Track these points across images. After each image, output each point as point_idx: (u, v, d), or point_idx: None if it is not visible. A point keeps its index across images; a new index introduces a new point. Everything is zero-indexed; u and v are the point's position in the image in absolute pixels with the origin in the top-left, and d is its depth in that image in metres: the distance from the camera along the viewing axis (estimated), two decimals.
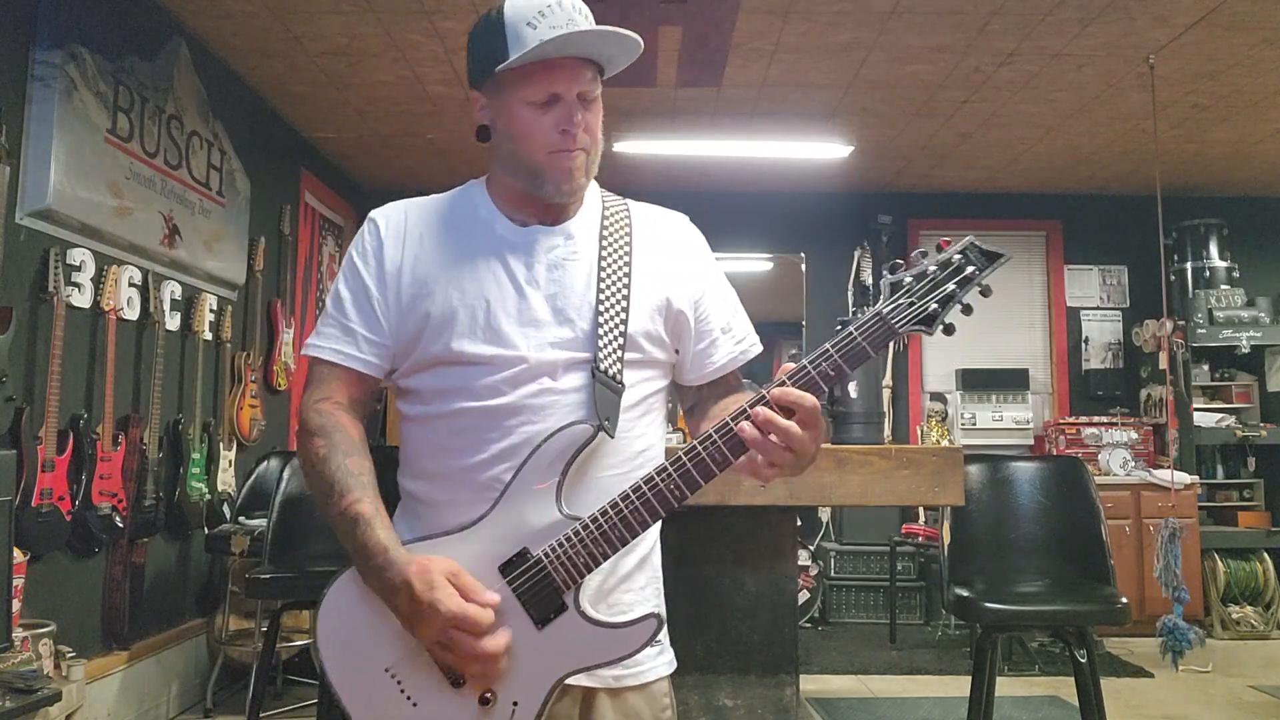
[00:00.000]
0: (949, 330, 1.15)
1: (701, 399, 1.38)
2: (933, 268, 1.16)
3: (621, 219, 1.33)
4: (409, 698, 1.16)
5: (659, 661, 1.29)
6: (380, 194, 6.05)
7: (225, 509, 3.98)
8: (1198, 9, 3.59)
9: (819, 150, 5.28)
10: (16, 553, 2.55)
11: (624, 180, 5.59)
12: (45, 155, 2.90)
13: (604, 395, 1.21)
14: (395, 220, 1.31)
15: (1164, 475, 5.13)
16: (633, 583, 1.26)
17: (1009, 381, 5.99)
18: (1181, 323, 5.51)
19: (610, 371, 1.22)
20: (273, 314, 4.64)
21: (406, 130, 5.02)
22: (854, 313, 5.96)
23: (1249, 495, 5.55)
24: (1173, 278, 5.82)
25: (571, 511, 1.15)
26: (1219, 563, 5.20)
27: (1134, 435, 5.56)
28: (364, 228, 1.32)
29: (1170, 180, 5.63)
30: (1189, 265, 5.78)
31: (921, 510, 5.45)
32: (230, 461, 4.10)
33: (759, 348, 1.39)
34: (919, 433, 6.01)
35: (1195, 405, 5.49)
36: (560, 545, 1.14)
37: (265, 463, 4.05)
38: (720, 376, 1.37)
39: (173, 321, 3.65)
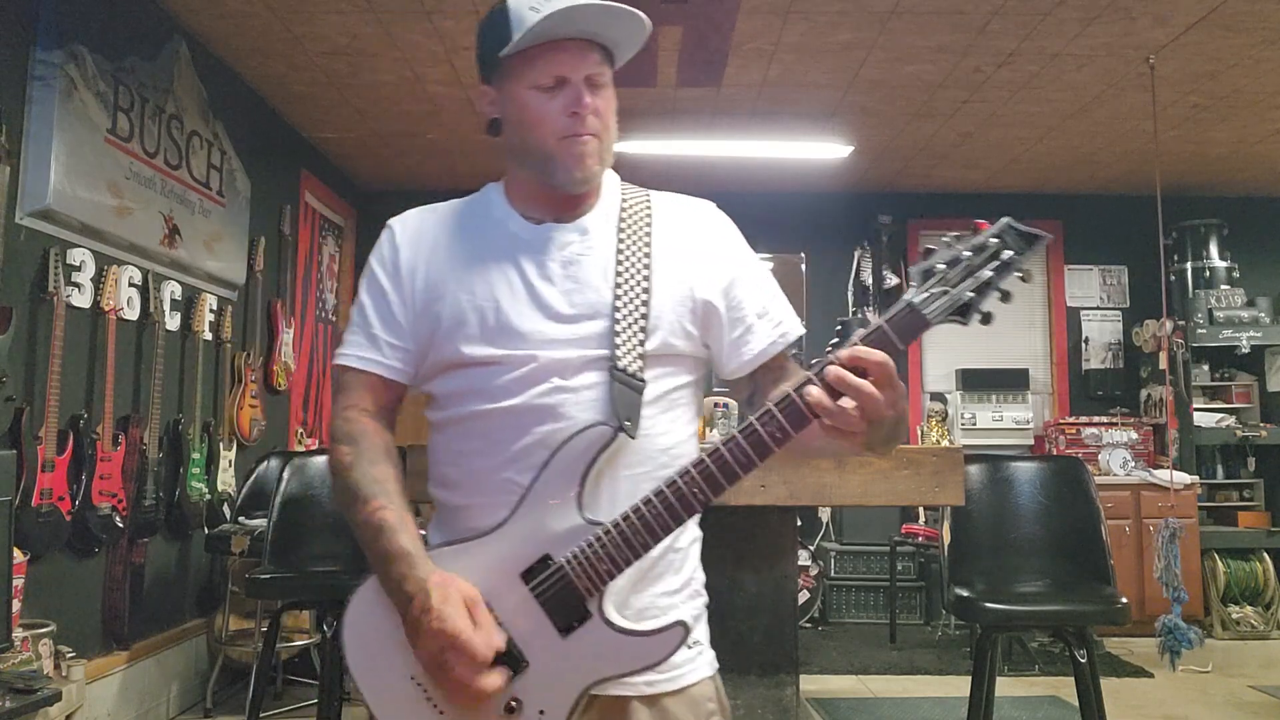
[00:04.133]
0: (986, 319, 1.05)
1: (758, 387, 1.30)
2: (967, 252, 1.06)
3: (640, 210, 1.30)
4: (435, 705, 1.14)
5: (698, 663, 1.24)
6: (380, 194, 6.08)
7: (225, 509, 3.98)
8: (1198, 9, 3.59)
9: (819, 150, 5.28)
10: (16, 553, 2.55)
11: (624, 180, 5.57)
12: (45, 155, 2.90)
13: (623, 394, 1.17)
14: (412, 226, 1.31)
15: (1164, 475, 5.13)
16: (665, 584, 1.22)
17: (1009, 381, 5.98)
18: (1181, 323, 5.51)
19: (630, 369, 1.18)
20: (273, 314, 4.64)
21: (406, 130, 5.02)
22: (854, 313, 5.96)
23: (1249, 495, 5.54)
24: (1173, 278, 5.82)
25: (593, 516, 1.13)
26: (1219, 563, 5.20)
27: (1134, 435, 5.56)
28: (382, 235, 1.32)
29: (1170, 180, 5.63)
30: (1189, 265, 5.78)
31: (921, 510, 5.44)
32: (230, 461, 4.10)
33: (800, 330, 1.32)
34: (919, 433, 6.01)
35: (1195, 405, 5.49)
36: (582, 551, 1.11)
37: (265, 463, 4.05)
38: (767, 362, 1.29)
39: (173, 321, 3.65)
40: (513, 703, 1.12)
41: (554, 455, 1.15)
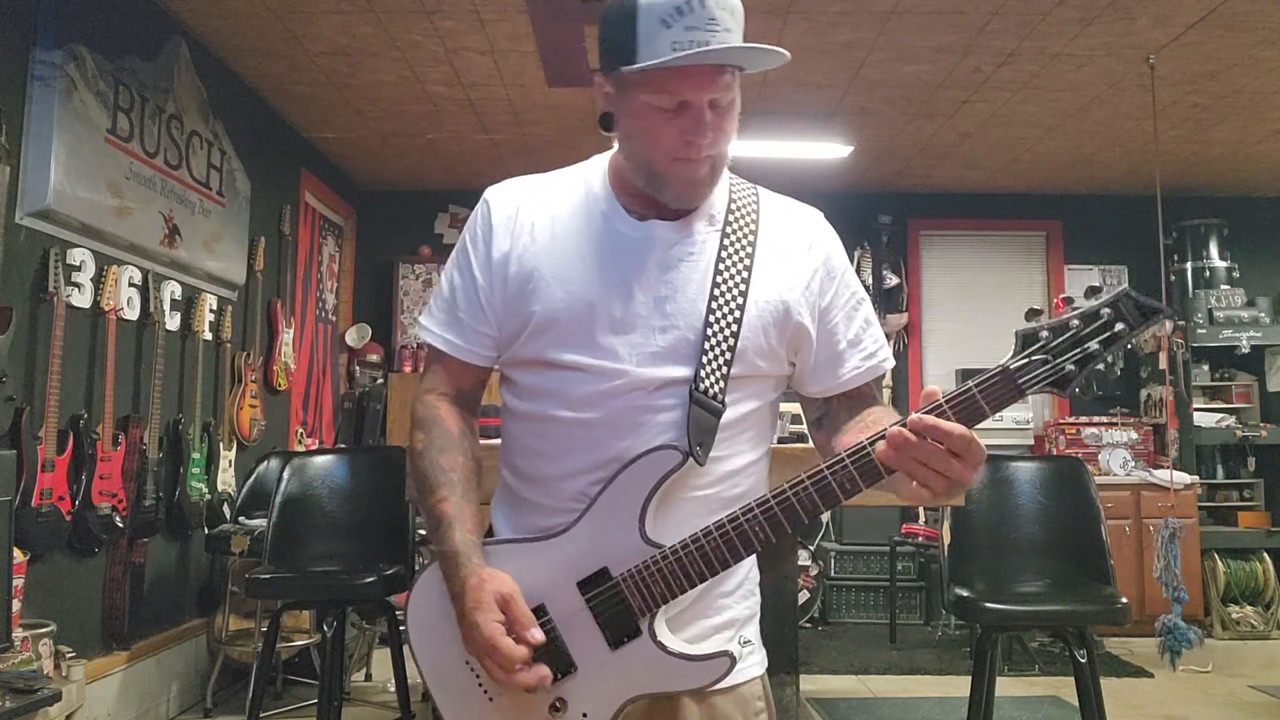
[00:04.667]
0: (1086, 391, 1.02)
1: (830, 411, 1.28)
2: (1076, 321, 1.00)
3: (749, 213, 1.24)
4: (486, 692, 1.17)
5: (749, 661, 1.24)
6: (380, 194, 6.08)
7: (225, 509, 3.98)
8: (1198, 9, 3.59)
9: (819, 150, 5.28)
10: (16, 553, 2.55)
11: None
12: (45, 155, 2.90)
13: (700, 417, 1.15)
14: (509, 204, 1.25)
15: (1164, 475, 5.13)
16: (724, 585, 1.22)
17: None
18: (1181, 323, 5.51)
19: (710, 391, 1.15)
20: (273, 314, 4.64)
21: (406, 130, 5.02)
22: None
23: (1249, 495, 5.54)
24: (1173, 278, 5.83)
25: (653, 538, 1.12)
26: (1219, 563, 5.20)
27: (1134, 435, 5.55)
28: (477, 208, 1.27)
29: (1170, 180, 5.63)
30: (1189, 265, 5.79)
31: (921, 510, 5.44)
32: (230, 461, 4.10)
33: (891, 362, 1.29)
34: None
35: (1195, 405, 5.49)
36: (639, 572, 1.12)
37: (265, 463, 4.05)
38: (849, 390, 1.26)
39: (173, 321, 3.65)
40: (558, 703, 1.15)
41: (620, 473, 1.14)
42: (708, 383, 1.15)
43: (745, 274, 1.19)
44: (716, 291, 1.17)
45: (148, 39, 3.49)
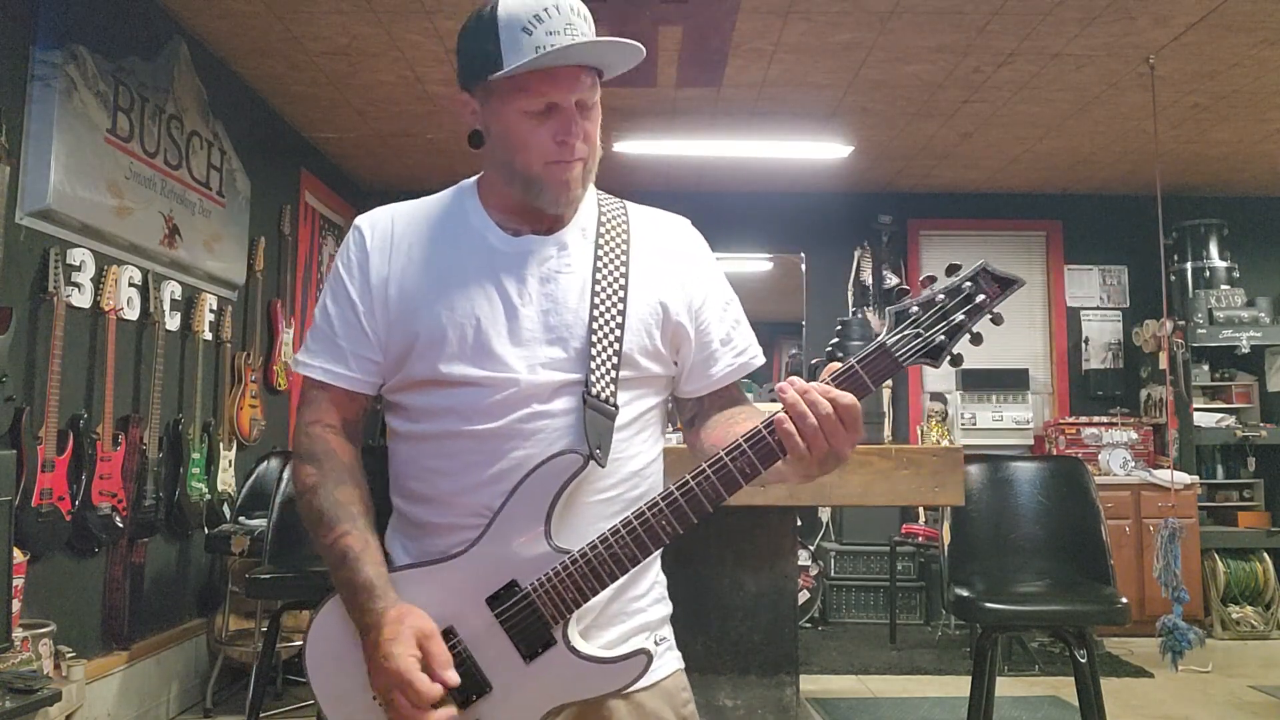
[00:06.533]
0: (956, 361, 1.09)
1: (702, 410, 1.32)
2: (941, 295, 1.09)
3: (618, 224, 1.28)
4: None
5: (667, 658, 1.26)
6: (380, 194, 6.07)
7: (225, 509, 3.98)
8: (1198, 9, 3.59)
9: (819, 150, 5.27)
10: (16, 553, 2.55)
11: (624, 180, 5.59)
12: (45, 155, 2.90)
13: (596, 420, 1.16)
14: (382, 229, 1.25)
15: (1164, 475, 5.13)
16: (633, 590, 1.23)
17: (1009, 381, 5.98)
18: (1181, 323, 5.51)
19: (602, 395, 1.17)
20: (273, 314, 4.64)
21: (406, 130, 5.02)
22: (854, 313, 5.96)
23: (1249, 495, 5.54)
24: (1173, 278, 5.82)
25: (560, 544, 1.13)
26: (1219, 563, 5.20)
27: (1134, 435, 5.56)
28: (349, 236, 1.27)
29: (1170, 180, 5.63)
30: (1189, 265, 5.78)
31: (921, 510, 5.44)
32: (230, 461, 4.10)
33: (761, 359, 1.34)
34: (919, 433, 6.01)
35: (1195, 405, 5.49)
36: (549, 579, 1.11)
37: (265, 463, 4.05)
38: (720, 388, 1.31)
39: (173, 321, 3.65)
40: None
41: (523, 481, 1.14)
42: (599, 386, 1.17)
43: (622, 280, 1.22)
44: (597, 300, 1.20)
45: (148, 39, 3.49)
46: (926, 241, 6.32)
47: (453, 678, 1.09)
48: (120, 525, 3.20)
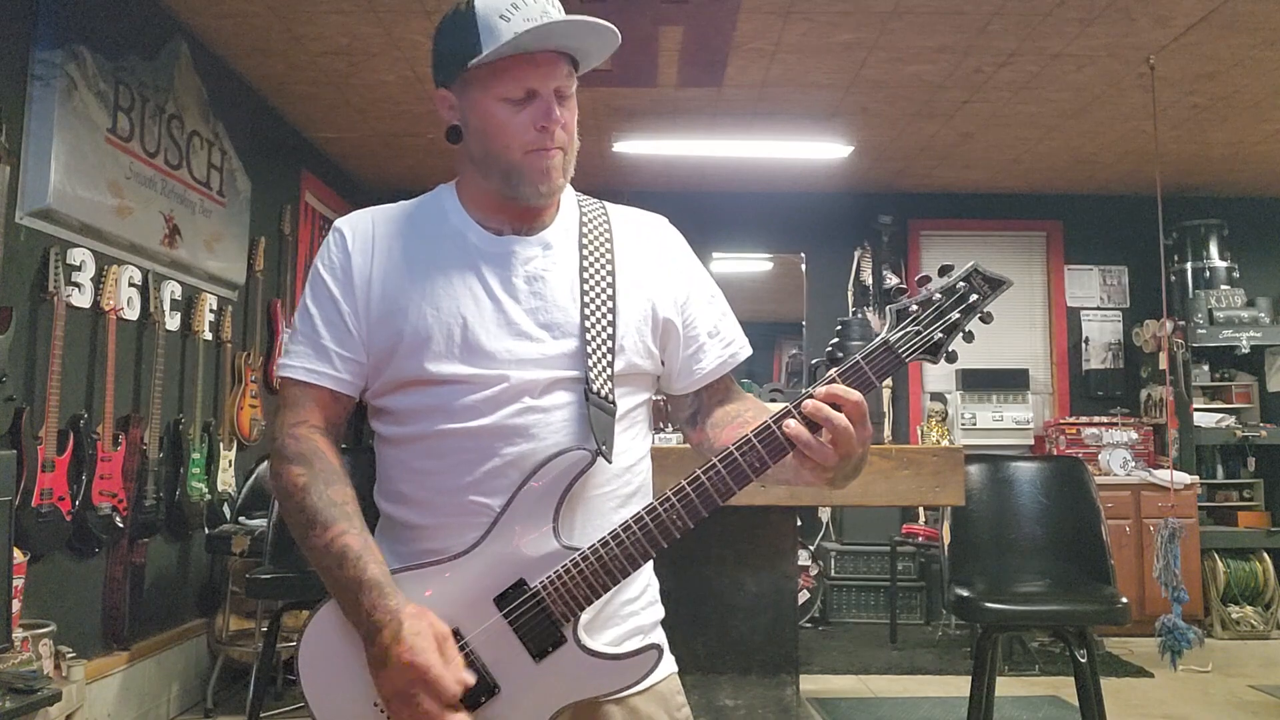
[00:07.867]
0: (951, 358, 1.13)
1: (701, 405, 1.32)
2: (938, 295, 1.12)
3: (600, 224, 1.28)
4: None
5: (662, 663, 1.24)
6: (380, 194, 6.06)
7: (225, 509, 3.98)
8: (1198, 9, 3.59)
9: (819, 150, 5.28)
10: (16, 553, 2.55)
11: (624, 180, 5.60)
12: (45, 155, 2.89)
13: (598, 417, 1.16)
14: (362, 230, 1.24)
15: (1164, 475, 5.13)
16: (627, 593, 1.23)
17: (1009, 381, 5.99)
18: (1181, 323, 5.51)
19: (602, 392, 1.17)
20: (273, 314, 4.64)
21: (407, 130, 5.03)
22: (854, 313, 5.96)
23: (1249, 495, 5.55)
24: (1173, 278, 5.83)
25: (570, 542, 1.12)
26: (1219, 563, 5.20)
27: (1134, 435, 5.56)
28: (329, 239, 1.25)
29: (1170, 180, 5.63)
30: (1189, 265, 5.79)
31: (922, 510, 5.44)
32: (230, 461, 4.09)
33: (748, 350, 1.34)
34: (919, 433, 6.01)
35: (1195, 405, 5.49)
36: (559, 577, 1.10)
37: (265, 463, 4.05)
38: (714, 381, 1.32)
39: (173, 321, 3.65)
40: None
41: (530, 478, 1.13)
42: (598, 383, 1.17)
43: (610, 279, 1.23)
44: (586, 299, 1.20)
45: (148, 39, 3.49)
46: (927, 242, 6.32)
47: (470, 679, 1.08)
48: (120, 525, 3.20)
